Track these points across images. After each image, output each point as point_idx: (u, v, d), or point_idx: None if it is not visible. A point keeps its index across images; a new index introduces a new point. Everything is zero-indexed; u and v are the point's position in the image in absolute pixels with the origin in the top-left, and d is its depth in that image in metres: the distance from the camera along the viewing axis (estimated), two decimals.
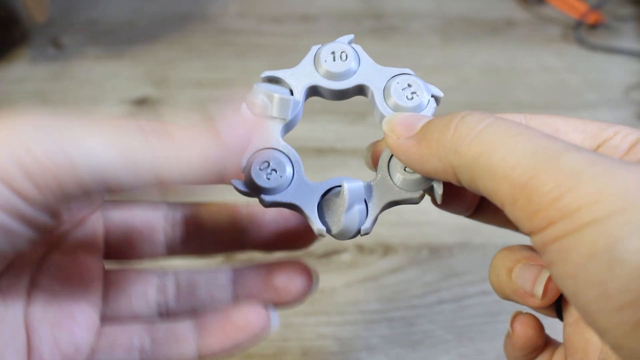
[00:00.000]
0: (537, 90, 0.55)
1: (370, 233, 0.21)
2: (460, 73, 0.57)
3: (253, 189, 0.21)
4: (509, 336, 0.23)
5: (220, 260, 0.37)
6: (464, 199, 0.22)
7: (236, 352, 0.21)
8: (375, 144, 0.22)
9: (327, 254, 0.42)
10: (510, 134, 0.16)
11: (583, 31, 0.61)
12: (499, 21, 0.62)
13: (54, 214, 0.17)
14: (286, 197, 0.21)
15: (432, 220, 0.45)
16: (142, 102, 0.53)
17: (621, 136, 0.20)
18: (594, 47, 0.59)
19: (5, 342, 0.19)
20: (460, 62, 0.58)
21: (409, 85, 0.21)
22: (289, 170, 0.21)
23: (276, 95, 0.21)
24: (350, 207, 0.20)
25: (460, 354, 0.38)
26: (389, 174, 0.21)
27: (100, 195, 0.17)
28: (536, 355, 0.23)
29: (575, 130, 0.20)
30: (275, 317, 0.22)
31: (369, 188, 0.21)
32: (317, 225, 0.20)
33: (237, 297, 0.23)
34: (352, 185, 0.20)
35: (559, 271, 0.15)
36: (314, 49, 0.22)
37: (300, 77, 0.22)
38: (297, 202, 0.21)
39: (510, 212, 0.16)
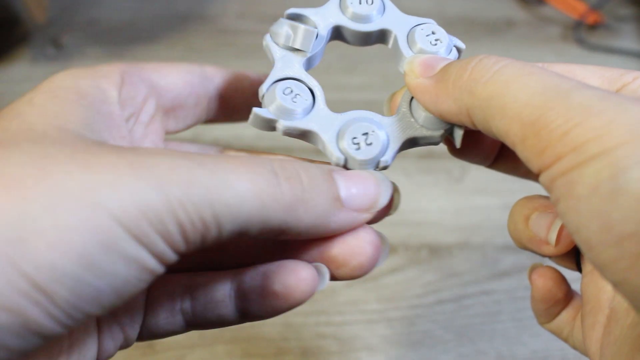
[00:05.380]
0: None
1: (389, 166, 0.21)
2: None
3: (279, 113, 0.20)
4: (532, 290, 0.23)
5: None
6: (482, 146, 0.22)
7: (280, 314, 0.20)
8: (396, 93, 0.22)
9: None
10: (524, 73, 0.16)
11: (583, 31, 0.61)
12: (499, 21, 0.62)
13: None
14: (305, 123, 0.20)
15: (432, 220, 0.45)
16: None
17: None
18: (593, 47, 0.59)
19: None
20: None
21: (433, 33, 0.22)
22: (310, 97, 0.21)
23: (301, 26, 0.21)
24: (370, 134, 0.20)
25: (460, 354, 0.38)
26: (411, 112, 0.21)
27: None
28: (560, 310, 0.23)
29: (593, 75, 0.20)
30: (325, 275, 0.19)
31: (390, 123, 0.21)
32: (335, 153, 0.20)
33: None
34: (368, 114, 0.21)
35: (563, 206, 0.15)
36: None
37: (325, 16, 0.22)
38: (316, 129, 0.20)
39: (521, 151, 0.16)
